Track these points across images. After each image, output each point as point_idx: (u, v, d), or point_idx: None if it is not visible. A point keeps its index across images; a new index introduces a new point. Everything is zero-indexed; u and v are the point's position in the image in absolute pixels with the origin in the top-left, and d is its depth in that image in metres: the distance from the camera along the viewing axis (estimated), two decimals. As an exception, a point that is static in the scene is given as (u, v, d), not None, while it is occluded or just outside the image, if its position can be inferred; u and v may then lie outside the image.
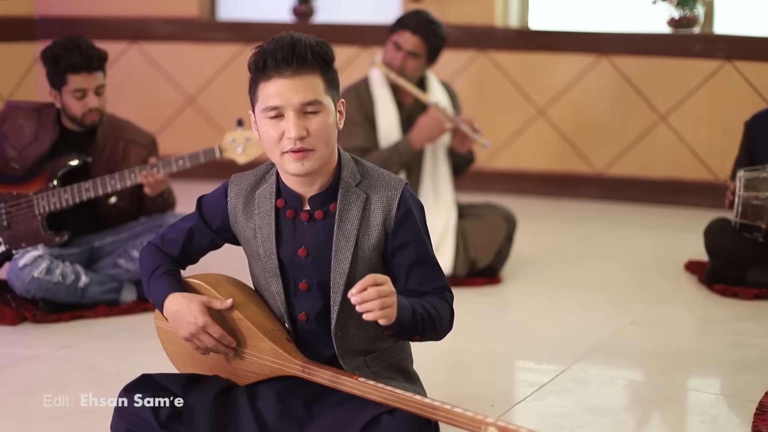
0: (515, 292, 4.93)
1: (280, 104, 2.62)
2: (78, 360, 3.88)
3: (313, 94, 2.63)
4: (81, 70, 4.31)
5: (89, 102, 4.35)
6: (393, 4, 7.42)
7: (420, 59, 4.96)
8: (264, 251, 2.77)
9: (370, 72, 5.07)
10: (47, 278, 4.24)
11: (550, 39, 7.21)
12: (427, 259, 2.76)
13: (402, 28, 4.95)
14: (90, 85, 4.34)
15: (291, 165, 2.64)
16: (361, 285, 2.47)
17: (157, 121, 7.53)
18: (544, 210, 6.86)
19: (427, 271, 2.75)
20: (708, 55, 6.79)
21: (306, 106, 2.63)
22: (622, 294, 4.89)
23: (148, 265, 2.87)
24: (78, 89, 4.33)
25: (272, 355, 2.76)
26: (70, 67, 4.30)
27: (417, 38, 4.92)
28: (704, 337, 4.34)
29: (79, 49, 4.30)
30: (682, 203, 6.91)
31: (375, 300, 2.47)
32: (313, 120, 2.63)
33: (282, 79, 2.62)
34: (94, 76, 4.35)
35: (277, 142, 2.64)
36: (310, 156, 2.63)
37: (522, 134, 7.22)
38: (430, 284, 2.75)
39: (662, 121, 6.94)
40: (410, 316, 2.59)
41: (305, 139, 2.62)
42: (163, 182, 4.38)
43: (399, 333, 2.62)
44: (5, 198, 4.42)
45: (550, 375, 3.76)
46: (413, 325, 2.61)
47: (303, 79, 2.63)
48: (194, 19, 7.55)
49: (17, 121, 4.45)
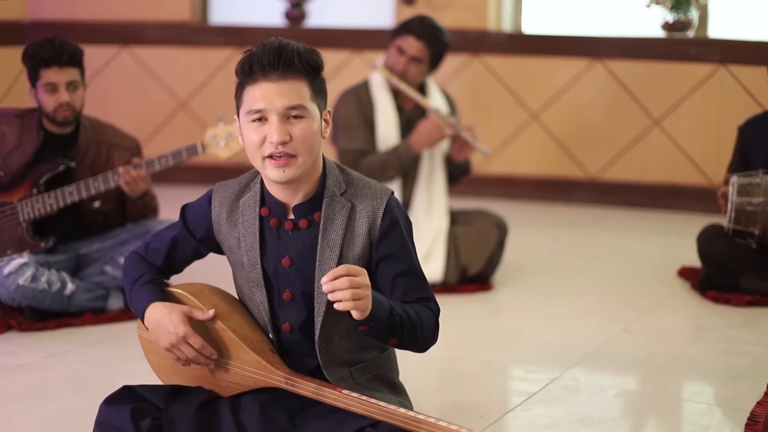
0: (506, 298, 4.90)
1: (263, 107, 2.60)
2: (64, 369, 3.84)
3: (298, 99, 2.61)
4: (52, 64, 4.31)
5: (60, 97, 4.33)
6: (386, 9, 7.39)
7: (422, 65, 4.93)
8: (248, 260, 2.74)
9: (371, 75, 5.04)
10: (33, 286, 4.21)
11: (543, 43, 7.18)
12: (412, 270, 2.72)
13: (406, 32, 4.93)
14: (61, 79, 4.33)
15: (272, 172, 2.62)
16: (333, 274, 2.44)
17: (149, 125, 7.50)
18: (537, 215, 6.82)
19: (411, 282, 2.71)
20: (702, 59, 6.76)
21: (290, 110, 2.60)
22: (614, 300, 4.86)
23: (131, 275, 2.85)
24: (48, 83, 4.32)
25: (255, 366, 2.73)
26: (41, 61, 4.32)
27: (421, 44, 4.90)
28: (696, 345, 4.31)
29: (51, 44, 4.33)
30: (676, 208, 6.89)
31: (346, 290, 2.43)
32: (296, 125, 2.61)
33: (267, 82, 2.60)
34: (65, 71, 4.34)
35: (258, 147, 2.62)
36: (291, 163, 2.60)
37: (516, 139, 7.19)
38: (415, 294, 2.71)
39: (656, 126, 6.91)
40: (387, 314, 2.54)
41: (288, 144, 2.59)
42: (144, 180, 4.35)
43: (374, 330, 2.55)
44: None
45: (540, 384, 3.73)
46: (390, 325, 2.56)
47: (288, 83, 2.61)
48: (186, 23, 7.51)
49: (1, 128, 4.43)
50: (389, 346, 2.75)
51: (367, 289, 2.47)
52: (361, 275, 2.46)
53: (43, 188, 4.36)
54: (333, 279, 2.43)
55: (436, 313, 2.73)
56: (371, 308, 2.48)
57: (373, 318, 2.50)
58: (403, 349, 2.70)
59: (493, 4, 7.19)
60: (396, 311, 2.57)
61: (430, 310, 2.71)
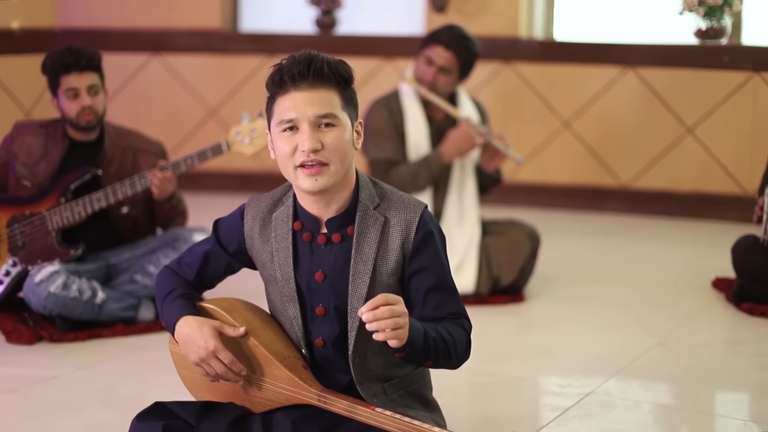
0: (539, 310, 4.85)
1: (294, 116, 2.59)
2: (95, 381, 3.83)
3: (328, 107, 2.60)
4: (71, 70, 4.34)
5: (82, 101, 4.36)
6: (417, 16, 7.36)
7: (452, 75, 4.89)
8: (281, 275, 2.72)
9: (400, 86, 5.01)
10: (64, 293, 4.21)
11: (575, 50, 7.13)
12: (445, 284, 2.70)
13: (435, 42, 4.88)
14: (81, 84, 4.36)
15: (304, 181, 2.60)
16: (372, 303, 2.42)
17: (179, 133, 7.51)
18: (569, 223, 6.78)
19: (444, 297, 2.69)
20: (736, 66, 6.70)
21: (321, 119, 2.59)
22: (648, 313, 4.81)
23: (162, 289, 2.84)
24: (70, 88, 4.35)
25: (288, 383, 2.71)
26: (61, 67, 4.35)
27: (449, 54, 4.85)
28: (731, 359, 4.25)
29: (69, 51, 4.36)
30: (709, 216, 6.82)
31: (387, 319, 2.41)
32: (328, 134, 2.60)
33: (298, 92, 2.60)
34: (85, 76, 4.37)
35: (290, 157, 2.60)
36: (323, 171, 2.58)
37: (547, 147, 7.14)
38: (447, 310, 2.69)
39: (689, 134, 6.85)
40: (422, 339, 2.53)
41: (319, 152, 2.58)
42: (171, 181, 4.36)
43: (410, 356, 2.55)
44: (18, 219, 4.40)
45: (573, 399, 3.69)
46: (425, 350, 2.55)
47: (319, 92, 2.60)
48: (216, 31, 7.51)
49: (26, 138, 4.46)
50: (422, 365, 2.72)
51: (405, 317, 2.45)
52: (399, 303, 2.44)
53: (71, 197, 4.37)
54: (373, 309, 2.41)
55: (468, 330, 2.71)
56: (408, 335, 2.46)
57: (409, 345, 2.49)
58: (436, 367, 2.68)
59: (524, 12, 7.15)
60: (430, 335, 2.56)
61: (462, 327, 2.69)
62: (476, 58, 4.95)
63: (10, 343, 4.19)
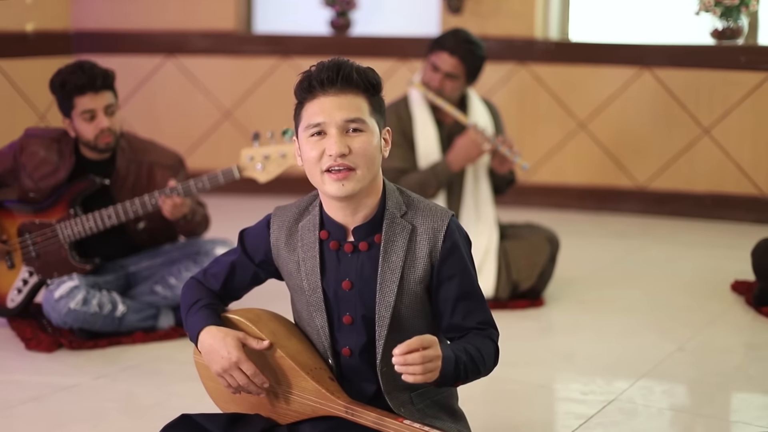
0: (558, 315, 4.83)
1: (322, 120, 2.58)
2: (116, 390, 3.81)
3: (356, 112, 2.60)
4: (86, 91, 4.19)
5: (99, 123, 4.22)
6: (432, 16, 7.34)
7: (458, 80, 4.86)
8: (308, 284, 2.71)
9: (409, 91, 4.98)
10: (84, 309, 4.17)
11: (591, 51, 7.10)
12: (472, 293, 2.70)
13: (439, 48, 4.85)
14: (98, 105, 4.22)
15: (331, 186, 2.59)
16: (406, 347, 2.41)
17: (194, 135, 7.50)
18: (585, 225, 6.76)
19: (472, 305, 2.68)
20: (753, 67, 6.67)
21: (349, 123, 2.59)
22: (667, 317, 4.79)
23: (187, 300, 2.83)
24: (86, 110, 4.21)
25: (315, 394, 2.70)
26: (75, 88, 4.19)
27: (455, 59, 4.82)
28: (753, 365, 4.22)
29: (81, 70, 4.20)
30: (726, 218, 6.80)
31: (418, 365, 2.42)
32: (355, 139, 2.59)
33: (326, 97, 2.60)
34: (101, 96, 4.22)
35: (317, 161, 2.59)
36: (351, 176, 2.58)
37: (563, 148, 7.12)
38: (476, 319, 2.68)
39: (706, 134, 6.82)
40: (453, 368, 2.53)
41: (347, 157, 2.57)
42: (182, 205, 4.22)
43: (440, 384, 2.55)
44: (29, 228, 4.31)
45: (596, 406, 3.67)
46: (456, 376, 2.55)
47: (347, 97, 2.60)
48: (231, 33, 7.49)
49: (38, 151, 4.32)
50: None
51: (438, 360, 2.46)
52: (433, 346, 2.44)
53: (80, 209, 4.28)
54: (406, 352, 2.41)
55: (495, 341, 2.70)
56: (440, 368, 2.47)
57: (440, 377, 2.50)
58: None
59: (540, 12, 7.13)
60: (462, 360, 2.56)
61: (490, 339, 2.69)
62: (483, 62, 4.91)
63: (29, 350, 4.17)
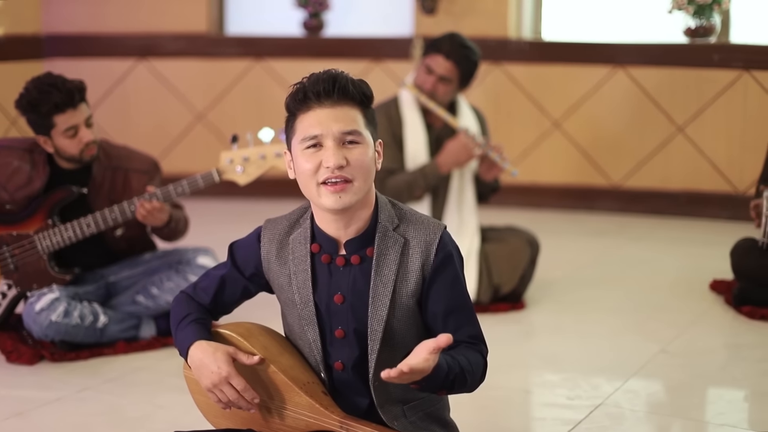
0: (540, 318, 4.84)
1: (319, 132, 2.56)
2: (100, 403, 3.77)
3: (353, 124, 2.58)
4: (66, 108, 4.11)
5: (83, 137, 4.16)
6: (405, 17, 7.32)
7: (451, 84, 4.86)
8: (300, 298, 2.69)
9: (400, 92, 4.98)
10: (65, 321, 4.13)
11: (565, 50, 7.11)
12: (464, 307, 2.68)
13: (435, 51, 4.86)
14: (79, 119, 4.15)
15: (328, 198, 2.57)
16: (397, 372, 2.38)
17: (167, 138, 7.45)
18: (561, 224, 6.77)
19: (463, 319, 2.67)
20: (726, 65, 6.70)
21: (346, 135, 2.57)
22: (649, 318, 4.80)
23: (177, 314, 2.80)
24: (69, 128, 4.14)
25: (309, 409, 2.68)
26: (53, 108, 4.10)
27: (450, 63, 4.83)
28: (737, 366, 4.23)
29: (56, 88, 4.09)
30: (701, 215, 6.83)
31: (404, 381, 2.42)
32: (352, 150, 2.57)
33: (322, 108, 2.57)
34: (80, 110, 4.15)
35: (313, 174, 2.57)
36: (348, 188, 2.56)
37: (538, 147, 7.13)
38: (466, 333, 2.67)
39: (680, 133, 6.85)
40: (443, 376, 2.50)
41: (344, 169, 2.55)
42: (161, 211, 4.17)
43: (426, 387, 2.51)
44: (6, 240, 4.26)
45: (583, 411, 3.67)
46: (442, 385, 2.53)
47: (343, 109, 2.58)
48: (203, 35, 7.44)
49: (10, 162, 4.26)
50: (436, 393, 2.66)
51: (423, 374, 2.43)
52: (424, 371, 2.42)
53: (58, 219, 4.23)
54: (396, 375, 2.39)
55: (484, 356, 2.69)
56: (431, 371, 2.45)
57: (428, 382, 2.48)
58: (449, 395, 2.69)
59: (513, 12, 7.13)
60: (453, 371, 2.53)
61: (480, 354, 2.68)
62: (476, 68, 4.93)
63: (10, 363, 4.12)
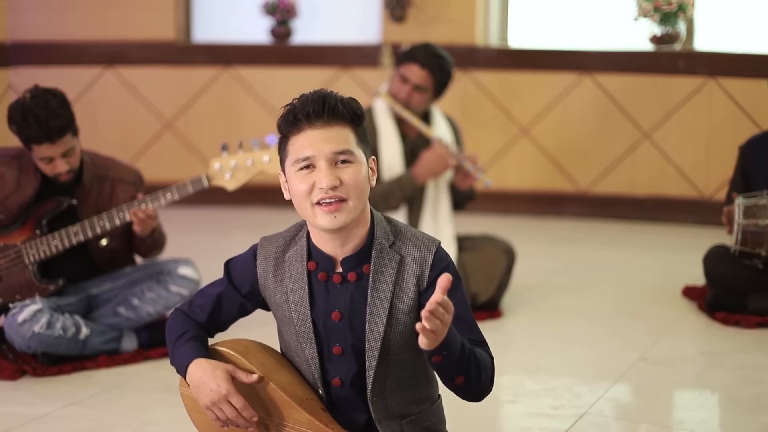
0: (517, 326, 4.87)
1: (311, 154, 2.58)
2: (87, 418, 3.74)
3: (345, 144, 2.60)
4: (42, 142, 4.09)
5: (57, 167, 4.16)
6: (373, 25, 7.34)
7: (426, 93, 4.90)
8: (297, 315, 2.70)
9: (374, 102, 5.00)
10: (48, 333, 4.11)
11: (532, 58, 7.17)
12: (464, 315, 2.65)
13: (410, 61, 4.88)
14: (55, 152, 4.13)
15: (323, 219, 2.58)
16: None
17: (135, 146, 7.41)
18: (531, 230, 6.81)
19: (464, 327, 2.63)
20: (691, 71, 6.78)
21: (338, 155, 2.59)
22: (625, 325, 4.85)
23: (174, 332, 2.80)
24: (43, 158, 4.14)
25: (308, 426, 2.69)
26: (28, 139, 4.10)
27: (425, 72, 4.86)
28: (714, 373, 4.28)
29: (37, 122, 4.04)
30: (668, 220, 6.91)
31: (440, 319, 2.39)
32: (345, 170, 2.59)
33: (313, 130, 2.59)
34: (58, 145, 4.11)
35: (307, 195, 2.59)
36: (342, 208, 2.57)
37: (506, 154, 7.17)
38: (468, 339, 2.62)
39: (646, 139, 6.92)
40: (459, 346, 2.49)
41: (338, 189, 2.57)
42: (153, 217, 4.21)
43: (446, 361, 2.49)
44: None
45: (569, 421, 3.70)
46: (461, 358, 2.51)
47: (334, 129, 2.60)
48: (170, 42, 7.41)
49: None
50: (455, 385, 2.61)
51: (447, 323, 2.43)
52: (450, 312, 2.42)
53: (46, 228, 4.24)
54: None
55: (491, 356, 2.69)
56: (445, 336, 2.43)
57: (446, 347, 2.45)
58: (465, 392, 2.64)
59: (480, 20, 7.17)
60: (466, 346, 2.53)
61: (487, 353, 2.67)
62: (450, 77, 4.97)
63: (-9, 379, 4.10)
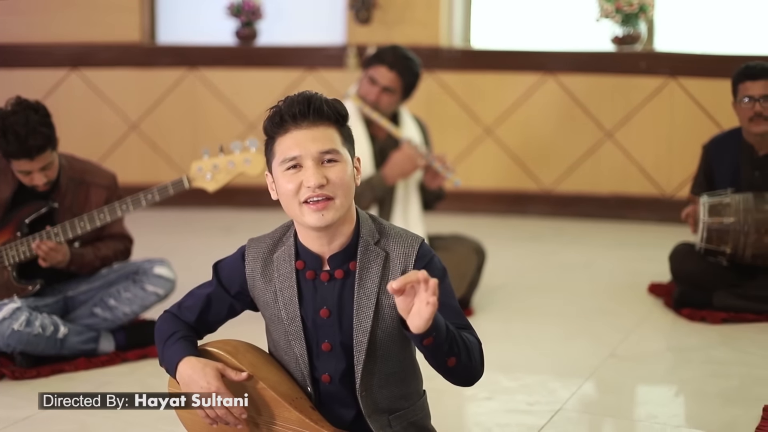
0: (489, 324, 4.91)
1: (298, 154, 2.63)
2: (70, 420, 3.74)
3: (330, 144, 2.65)
4: (20, 158, 4.14)
5: (34, 179, 4.21)
6: (338, 26, 7.38)
7: (395, 95, 4.95)
8: (286, 314, 2.74)
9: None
10: (27, 330, 4.12)
11: (496, 58, 7.25)
12: (449, 302, 2.69)
13: (378, 62, 4.94)
14: (34, 167, 4.18)
15: (311, 217, 2.63)
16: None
17: (101, 148, 7.41)
18: (496, 229, 6.89)
19: (450, 314, 2.66)
20: (652, 71, 6.89)
21: (324, 155, 2.64)
22: (595, 322, 4.93)
23: (163, 332, 2.84)
24: (21, 171, 4.19)
25: (298, 424, 2.73)
26: (7, 154, 4.14)
27: (393, 74, 4.91)
28: (683, 368, 4.36)
29: (17, 139, 4.09)
30: (630, 218, 7.02)
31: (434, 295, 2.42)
32: (331, 169, 2.64)
33: (299, 130, 2.64)
34: (36, 161, 4.16)
35: (294, 194, 2.64)
36: (330, 206, 2.63)
37: (470, 154, 7.25)
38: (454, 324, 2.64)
39: (608, 138, 7.02)
40: (445, 327, 2.53)
41: (325, 187, 2.62)
42: (57, 251, 4.23)
43: (437, 342, 2.52)
44: None
45: (544, 417, 3.76)
46: (448, 339, 2.54)
47: (320, 129, 2.65)
48: (136, 44, 7.42)
49: None
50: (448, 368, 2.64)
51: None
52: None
53: (27, 231, 4.27)
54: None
55: (479, 339, 2.73)
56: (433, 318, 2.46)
57: (435, 328, 2.48)
58: (458, 374, 2.67)
59: (444, 21, 7.23)
60: (450, 326, 2.57)
61: (474, 336, 2.72)
62: (418, 78, 5.03)
63: (-32, 383, 4.10)
